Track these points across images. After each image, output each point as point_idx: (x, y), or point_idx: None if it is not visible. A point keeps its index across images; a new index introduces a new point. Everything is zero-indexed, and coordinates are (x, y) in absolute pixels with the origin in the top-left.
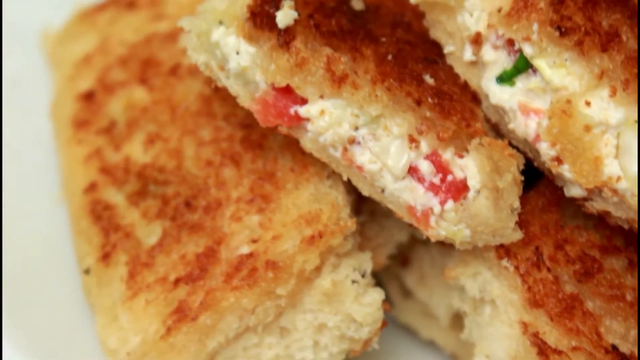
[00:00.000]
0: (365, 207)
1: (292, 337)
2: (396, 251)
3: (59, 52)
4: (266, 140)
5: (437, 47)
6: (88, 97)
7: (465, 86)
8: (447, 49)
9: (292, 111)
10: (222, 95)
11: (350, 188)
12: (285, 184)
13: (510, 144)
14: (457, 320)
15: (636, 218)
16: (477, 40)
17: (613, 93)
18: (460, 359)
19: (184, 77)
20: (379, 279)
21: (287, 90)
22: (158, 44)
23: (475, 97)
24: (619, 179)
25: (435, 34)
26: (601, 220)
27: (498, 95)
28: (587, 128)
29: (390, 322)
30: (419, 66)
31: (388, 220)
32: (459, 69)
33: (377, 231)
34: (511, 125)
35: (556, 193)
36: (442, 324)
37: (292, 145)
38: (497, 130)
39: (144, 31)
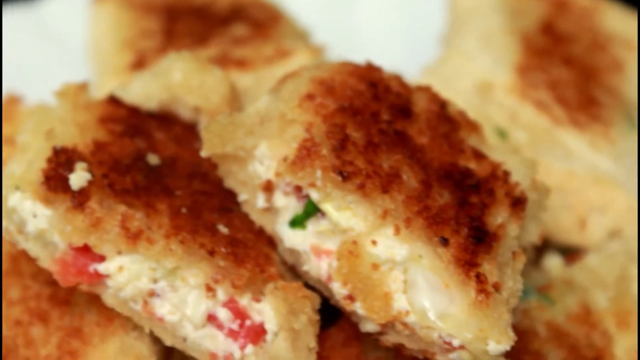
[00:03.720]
0: (177, 354)
1: None
2: None
3: None
4: (73, 297)
5: (233, 195)
6: None
7: (261, 231)
8: (241, 197)
9: (91, 269)
10: (28, 254)
11: (158, 338)
12: (91, 339)
13: (308, 285)
14: None
15: (428, 348)
16: (268, 188)
17: (397, 231)
18: None
19: None
20: None
21: (85, 250)
22: None
23: (271, 242)
24: (407, 313)
25: (229, 183)
26: (401, 351)
27: (292, 239)
28: (375, 266)
29: None
30: (214, 216)
31: None
32: (253, 216)
33: None
34: (305, 267)
35: (356, 327)
36: None
37: (98, 300)
38: (295, 272)
39: None
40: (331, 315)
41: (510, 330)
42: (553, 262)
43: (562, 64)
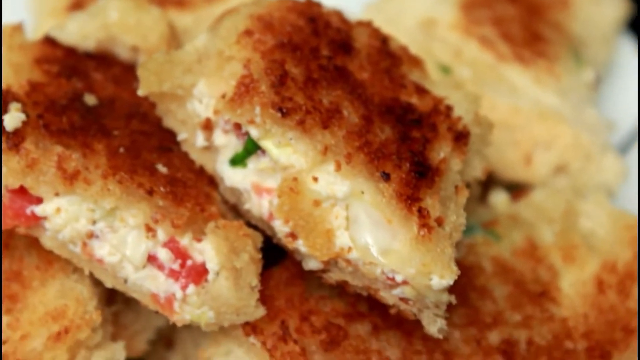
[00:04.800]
0: (119, 297)
1: None
2: (157, 335)
3: None
4: (12, 240)
5: (172, 134)
6: None
7: (201, 171)
8: (181, 136)
9: (28, 211)
10: None
11: (98, 280)
12: (31, 283)
13: (250, 224)
14: None
15: (371, 285)
16: (207, 126)
17: (338, 167)
18: None
19: None
20: None
21: (21, 192)
22: None
23: (212, 181)
24: (349, 249)
25: (168, 122)
26: (345, 289)
27: (232, 177)
28: (317, 203)
29: None
30: (152, 155)
31: (144, 306)
32: (193, 155)
33: (133, 318)
34: (247, 206)
35: (300, 266)
36: None
37: (38, 243)
38: (237, 211)
39: None
40: (275, 256)
41: (453, 265)
42: (498, 198)
43: (507, 0)
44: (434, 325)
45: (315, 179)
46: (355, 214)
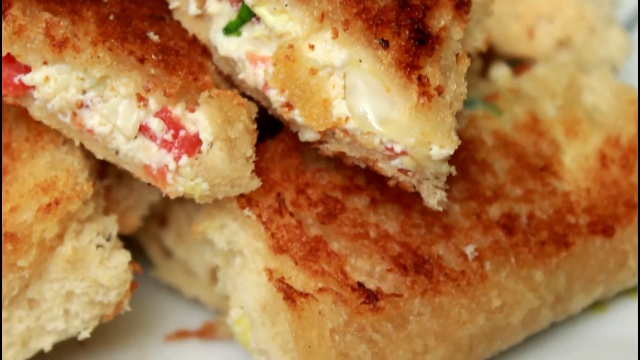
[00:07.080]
0: (112, 170)
1: (41, 308)
2: (150, 212)
3: None
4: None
5: (164, 3)
6: None
7: (194, 40)
8: (173, 4)
9: (16, 80)
10: None
11: (90, 152)
12: (20, 154)
13: (245, 95)
14: (216, 274)
15: (369, 156)
16: None
17: (335, 35)
18: (225, 313)
19: None
20: (138, 240)
21: (9, 60)
22: None
23: (205, 51)
24: (347, 119)
25: None
26: (342, 161)
27: (226, 46)
28: (313, 71)
29: (154, 282)
30: (144, 24)
31: (137, 181)
32: (186, 24)
33: (126, 193)
34: (241, 76)
35: (296, 138)
36: (202, 280)
37: (27, 115)
38: (231, 81)
39: None
40: (271, 130)
41: (454, 134)
42: (500, 72)
43: None
44: (433, 197)
45: (312, 47)
46: (352, 82)
